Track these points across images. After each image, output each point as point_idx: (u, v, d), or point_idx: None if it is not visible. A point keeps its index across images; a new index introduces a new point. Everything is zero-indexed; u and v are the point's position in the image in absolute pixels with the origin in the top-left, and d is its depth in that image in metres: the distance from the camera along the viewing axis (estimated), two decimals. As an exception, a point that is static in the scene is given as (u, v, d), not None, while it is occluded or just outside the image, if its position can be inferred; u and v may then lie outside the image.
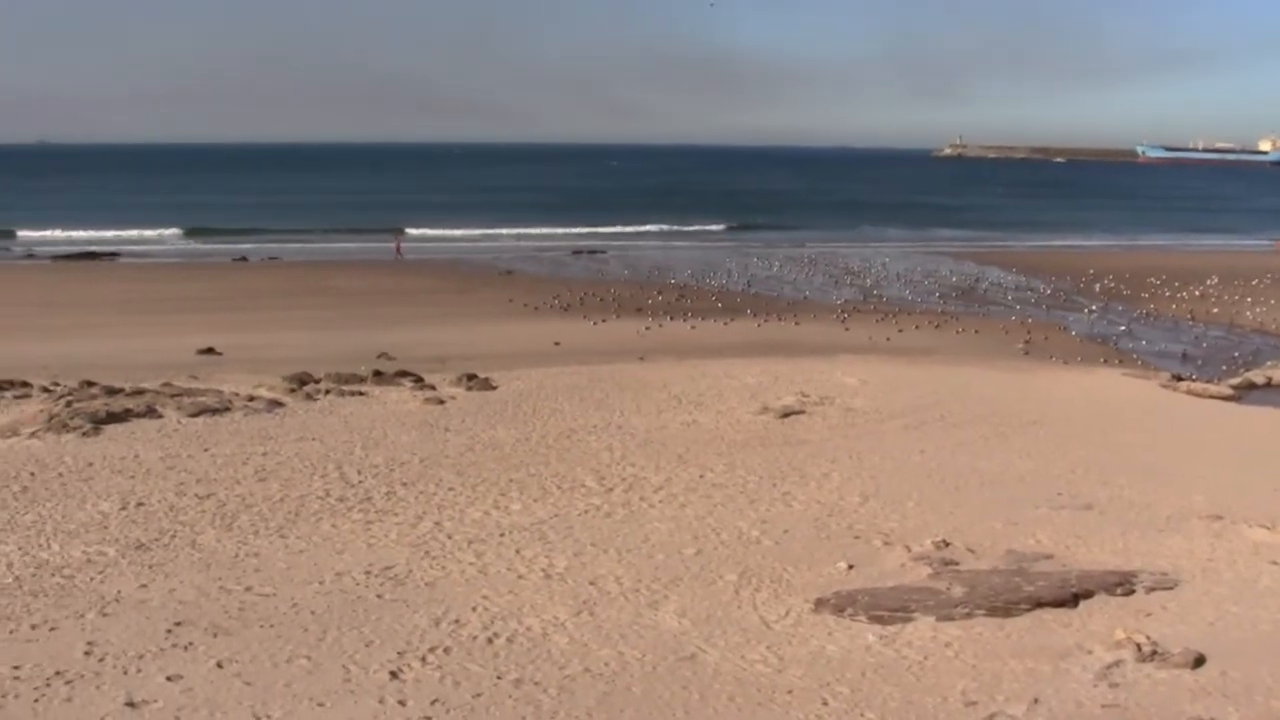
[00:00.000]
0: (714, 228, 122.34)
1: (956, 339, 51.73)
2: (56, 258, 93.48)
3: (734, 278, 77.06)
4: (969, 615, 16.31)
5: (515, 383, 35.19)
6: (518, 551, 19.18)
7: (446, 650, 14.85)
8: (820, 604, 16.77)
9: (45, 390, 32.89)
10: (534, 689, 13.71)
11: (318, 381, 34.28)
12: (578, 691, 13.68)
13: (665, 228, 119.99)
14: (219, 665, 14.29)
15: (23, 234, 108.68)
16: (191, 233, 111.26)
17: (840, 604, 16.66)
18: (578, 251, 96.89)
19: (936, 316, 59.39)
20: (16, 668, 14.20)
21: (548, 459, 25.77)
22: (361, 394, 33.13)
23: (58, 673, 14.06)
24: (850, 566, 18.58)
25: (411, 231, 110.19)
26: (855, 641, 15.34)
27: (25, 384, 33.68)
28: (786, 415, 30.57)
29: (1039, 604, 16.71)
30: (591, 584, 17.55)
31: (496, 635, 15.38)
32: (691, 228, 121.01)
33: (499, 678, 14.03)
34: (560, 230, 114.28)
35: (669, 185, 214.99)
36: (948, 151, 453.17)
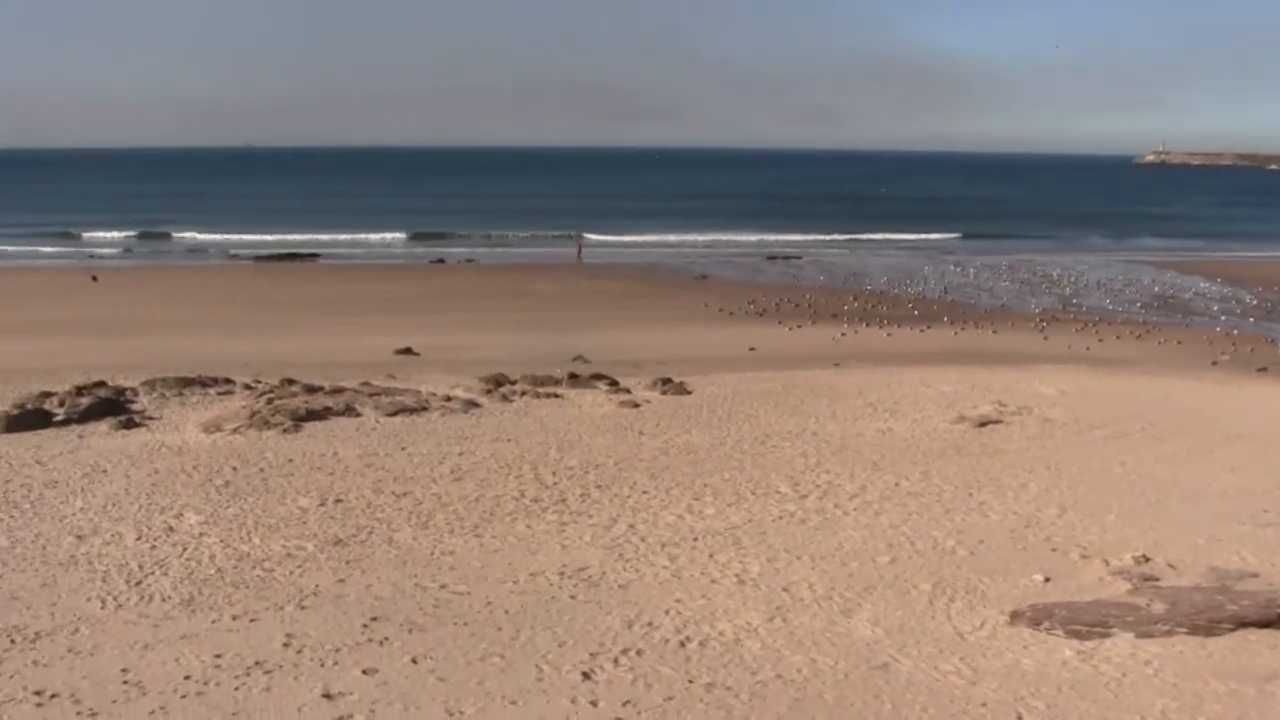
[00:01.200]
0: (910, 236, 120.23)
1: (1158, 349, 50.68)
2: (259, 258, 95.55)
3: (930, 284, 76.43)
4: (1169, 633, 15.90)
5: (710, 387, 35.15)
6: (711, 556, 19.11)
7: (639, 652, 14.83)
8: (1016, 616, 16.48)
9: (247, 387, 33.56)
10: (725, 694, 13.65)
11: (513, 383, 34.55)
12: (769, 698, 13.59)
13: (860, 236, 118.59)
14: (413, 661, 14.43)
15: (223, 237, 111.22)
16: (416, 237, 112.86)
17: (1036, 617, 16.35)
18: (772, 257, 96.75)
19: (1138, 326, 58.24)
20: (218, 656, 14.48)
21: (742, 464, 25.68)
22: (557, 396, 33.31)
23: (257, 663, 14.31)
24: (1047, 579, 18.23)
25: (591, 237, 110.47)
26: (1051, 656, 15.04)
27: (228, 381, 34.41)
28: (983, 424, 30.15)
29: (1243, 624, 16.21)
30: (784, 590, 17.43)
31: (689, 639, 15.33)
32: (888, 235, 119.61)
33: (690, 681, 13.98)
34: (754, 237, 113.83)
35: (863, 191, 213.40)
36: (1150, 158, 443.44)
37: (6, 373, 38.23)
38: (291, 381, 33.80)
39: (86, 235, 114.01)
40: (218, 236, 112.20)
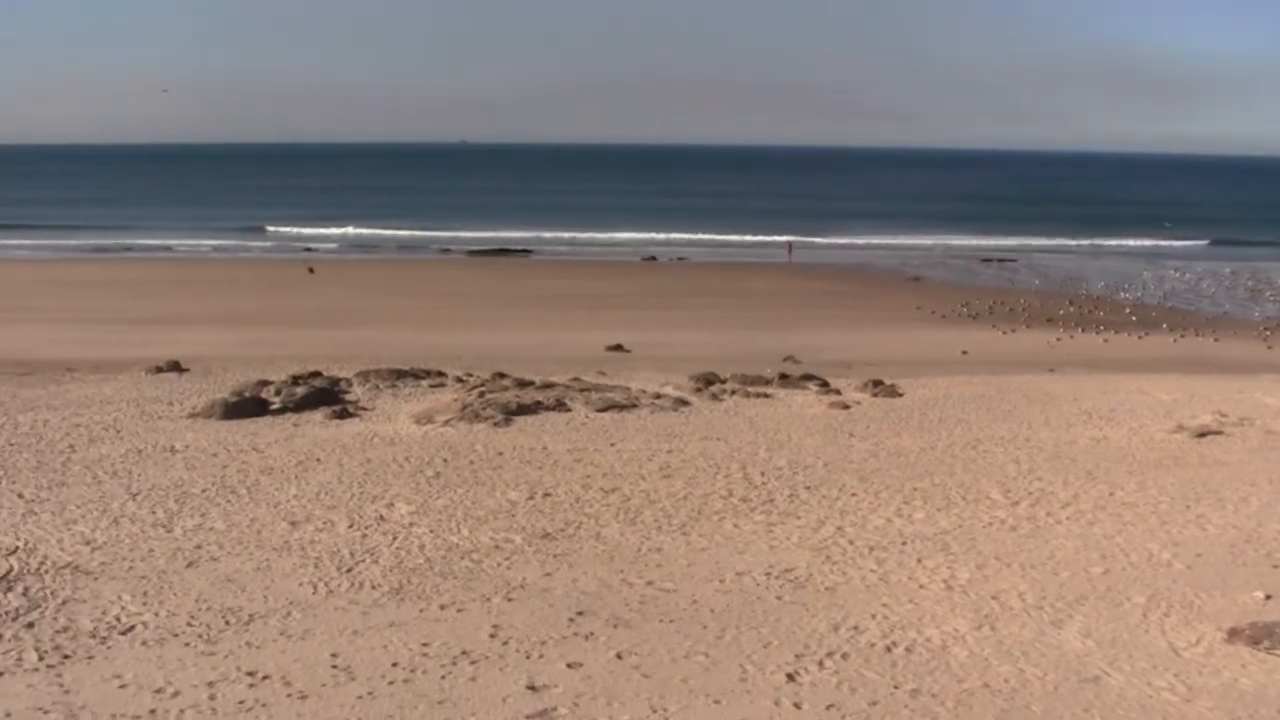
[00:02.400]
0: (1130, 242, 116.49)
1: (1392, 364, 49.00)
2: (471, 253, 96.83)
3: (1149, 290, 74.90)
4: (1397, 655, 15.36)
5: (921, 390, 34.78)
6: (919, 561, 18.88)
7: (844, 656, 14.69)
8: (1234, 634, 16.01)
9: (459, 380, 34.00)
10: (931, 701, 13.45)
11: (723, 382, 34.53)
12: (975, 706, 13.36)
13: (1076, 242, 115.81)
14: (618, 656, 14.45)
15: (439, 234, 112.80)
16: (628, 233, 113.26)
17: (1256, 635, 15.86)
18: (987, 259, 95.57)
19: (1375, 340, 56.34)
20: (425, 645, 14.65)
21: (952, 469, 25.34)
22: (766, 396, 33.22)
23: (464, 652, 14.44)
24: (1268, 597, 17.69)
25: (802, 239, 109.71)
26: (1272, 677, 14.57)
27: (440, 374, 34.89)
28: (1202, 435, 29.39)
29: None
30: (993, 598, 17.14)
31: (895, 644, 15.15)
32: (1105, 240, 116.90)
33: (895, 687, 13.81)
34: (971, 240, 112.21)
35: (1081, 193, 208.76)
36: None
37: (226, 361, 39.25)
38: (503, 375, 34.16)
39: (307, 231, 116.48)
40: (425, 233, 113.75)
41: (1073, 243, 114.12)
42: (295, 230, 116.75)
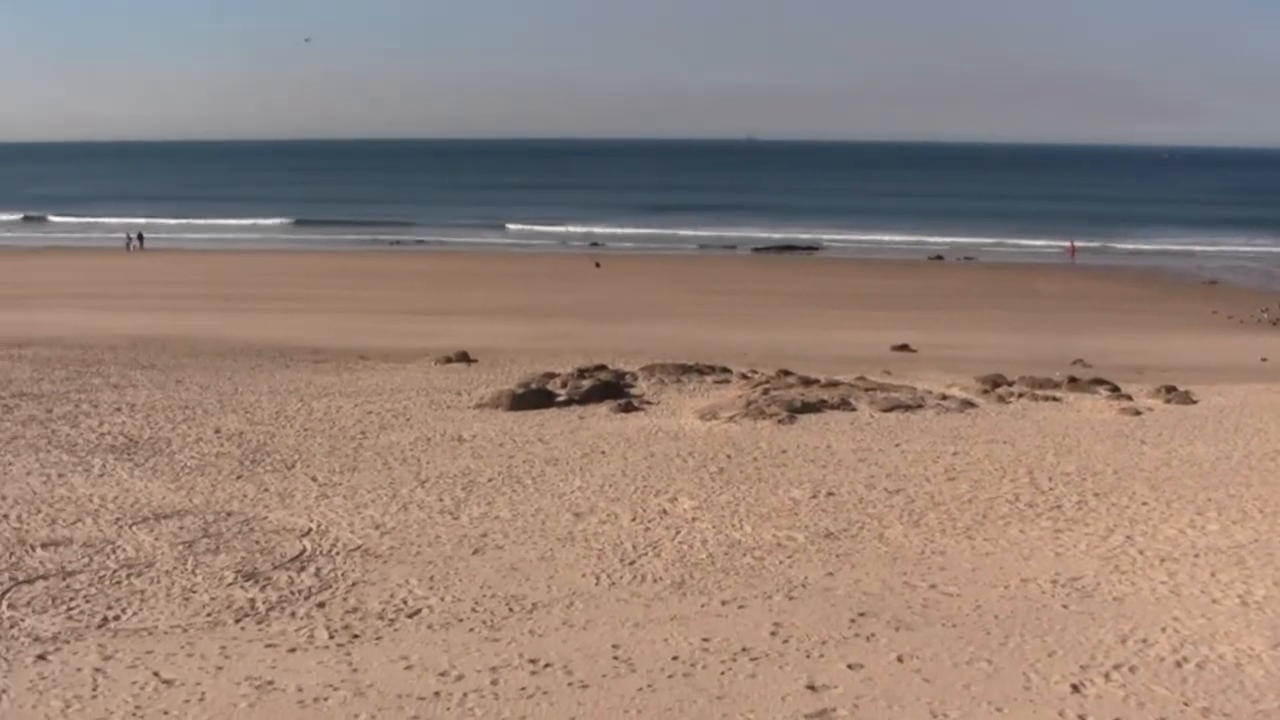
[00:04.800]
0: None
1: None
2: (756, 249, 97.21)
3: None
4: None
5: (1216, 398, 33.71)
6: (1213, 574, 18.25)
7: (1132, 669, 14.26)
8: None
9: (744, 377, 34.01)
10: (1224, 720, 13.02)
11: (1010, 384, 33.94)
12: (1272, 728, 12.89)
13: None
14: (899, 659, 14.25)
15: (714, 233, 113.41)
16: (913, 234, 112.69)
17: None
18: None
19: None
20: (706, 640, 14.64)
21: (1249, 480, 24.44)
22: (1055, 399, 32.54)
23: (744, 649, 14.39)
24: None
25: (1083, 244, 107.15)
26: None
27: (725, 369, 34.98)
28: None
29: None
30: (1292, 615, 16.52)
31: (1185, 660, 14.66)
32: None
33: (1186, 704, 13.36)
34: (1270, 245, 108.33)
35: None
36: None
37: (513, 353, 39.96)
38: (787, 373, 34.08)
39: (599, 231, 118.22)
40: (708, 233, 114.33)
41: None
42: (584, 229, 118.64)
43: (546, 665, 13.83)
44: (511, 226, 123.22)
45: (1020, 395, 32.77)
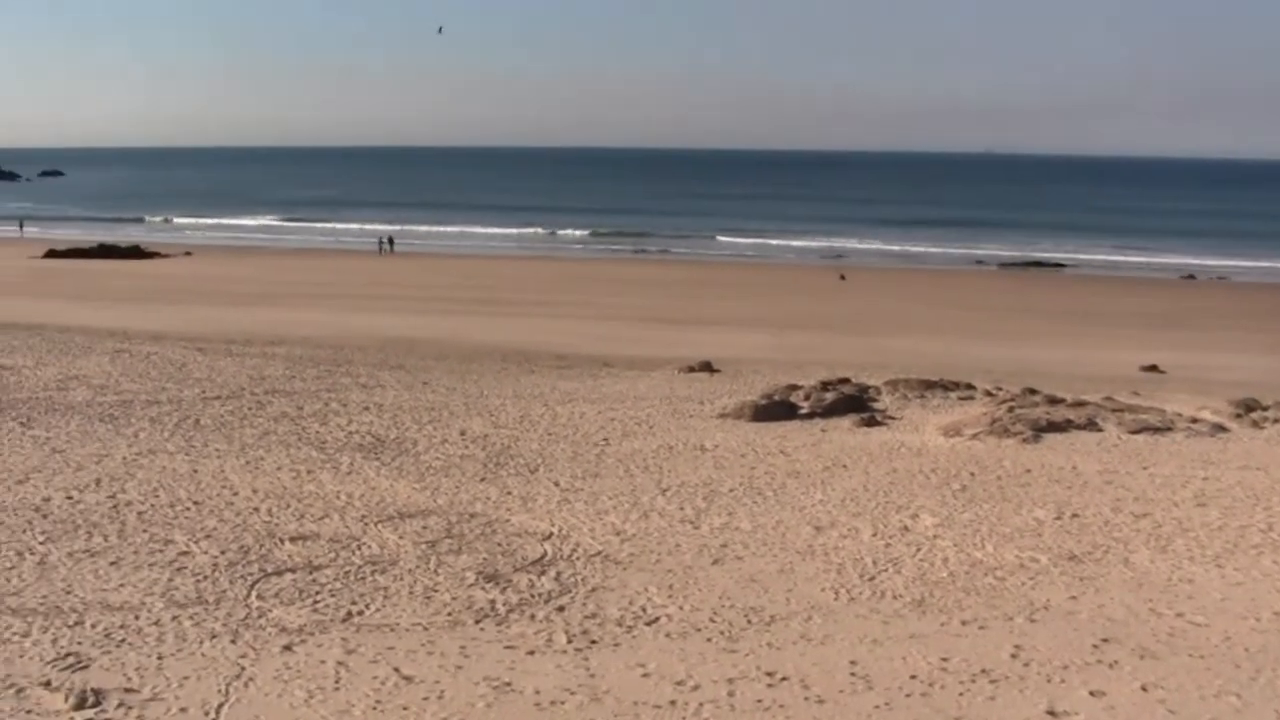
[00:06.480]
0: None
1: None
2: (1002, 265, 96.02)
3: None
4: None
5: None
6: None
7: (1390, 708, 13.78)
8: None
9: (988, 394, 33.58)
10: None
11: (1265, 409, 32.92)
12: None
13: None
14: (1143, 688, 13.93)
15: (968, 249, 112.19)
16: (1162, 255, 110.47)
17: None
18: None
19: None
20: (945, 660, 14.50)
21: None
22: (1312, 426, 31.53)
23: (983, 670, 14.22)
24: None
25: None
26: None
27: (970, 386, 34.56)
28: None
29: None
30: None
31: None
32: None
33: None
34: None
35: None
36: None
37: (756, 364, 40.02)
38: (1033, 391, 33.53)
39: (842, 245, 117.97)
40: (953, 250, 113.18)
41: None
42: (826, 243, 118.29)
43: (783, 679, 13.83)
44: (749, 241, 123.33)
45: (1276, 421, 31.74)
